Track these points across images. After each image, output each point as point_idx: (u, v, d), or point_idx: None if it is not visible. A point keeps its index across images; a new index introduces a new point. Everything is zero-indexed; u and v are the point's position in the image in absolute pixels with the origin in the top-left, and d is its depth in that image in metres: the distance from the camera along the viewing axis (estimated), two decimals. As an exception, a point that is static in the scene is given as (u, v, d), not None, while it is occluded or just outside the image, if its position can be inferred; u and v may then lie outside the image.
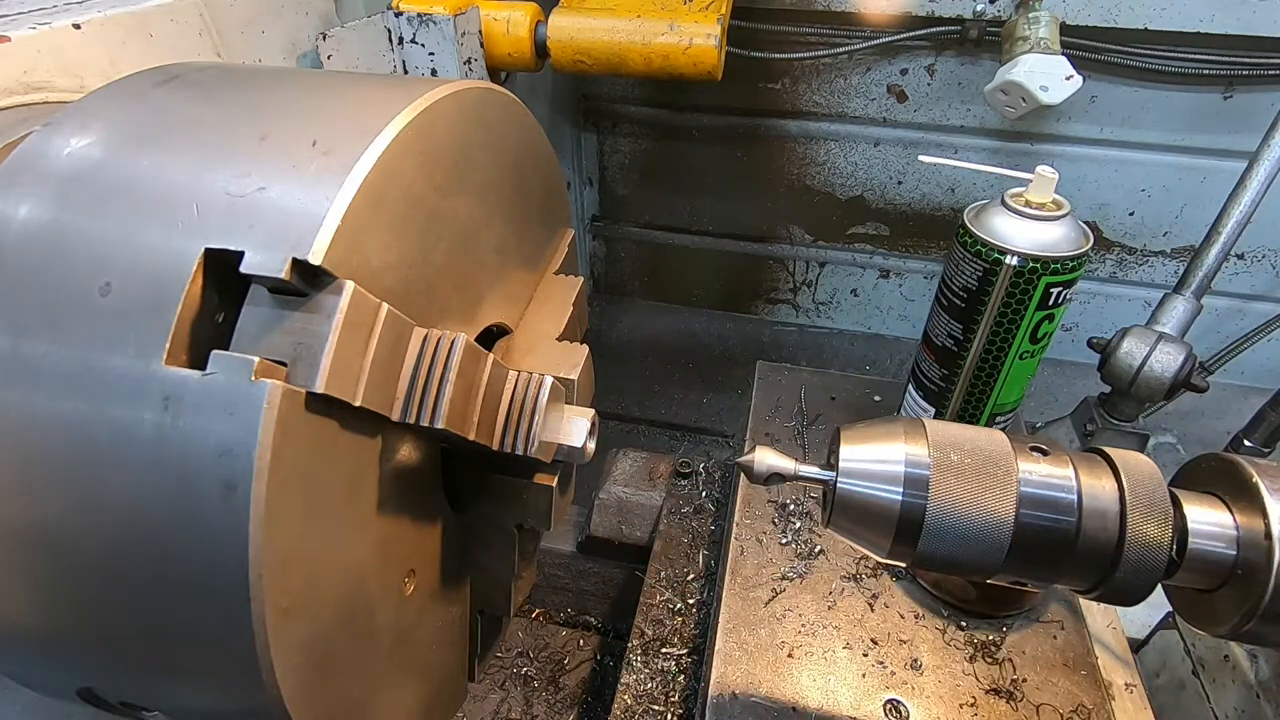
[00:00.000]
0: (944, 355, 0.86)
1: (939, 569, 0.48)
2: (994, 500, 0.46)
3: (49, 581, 0.42)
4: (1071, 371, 1.88)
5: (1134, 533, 0.44)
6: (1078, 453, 0.49)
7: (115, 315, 0.40)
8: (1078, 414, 1.23)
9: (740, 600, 0.80)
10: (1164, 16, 1.43)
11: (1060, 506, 0.46)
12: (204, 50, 0.83)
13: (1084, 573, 0.46)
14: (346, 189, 0.41)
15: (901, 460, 0.47)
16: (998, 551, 0.46)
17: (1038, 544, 0.46)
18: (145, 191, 0.43)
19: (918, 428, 0.49)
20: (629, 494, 1.11)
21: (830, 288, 2.09)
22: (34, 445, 0.40)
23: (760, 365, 1.10)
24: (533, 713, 1.10)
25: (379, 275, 0.44)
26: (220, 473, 0.37)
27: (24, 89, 0.63)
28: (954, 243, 0.81)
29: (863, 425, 0.51)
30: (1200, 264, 1.11)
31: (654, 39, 1.21)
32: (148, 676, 0.46)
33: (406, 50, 1.12)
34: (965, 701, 0.72)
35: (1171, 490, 0.47)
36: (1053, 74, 1.27)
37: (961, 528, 0.46)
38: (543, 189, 0.70)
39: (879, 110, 1.76)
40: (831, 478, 0.49)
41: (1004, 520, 0.45)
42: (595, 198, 2.15)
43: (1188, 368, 1.06)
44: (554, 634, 1.21)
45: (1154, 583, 0.45)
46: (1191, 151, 1.63)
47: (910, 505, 0.47)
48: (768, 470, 0.50)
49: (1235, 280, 1.78)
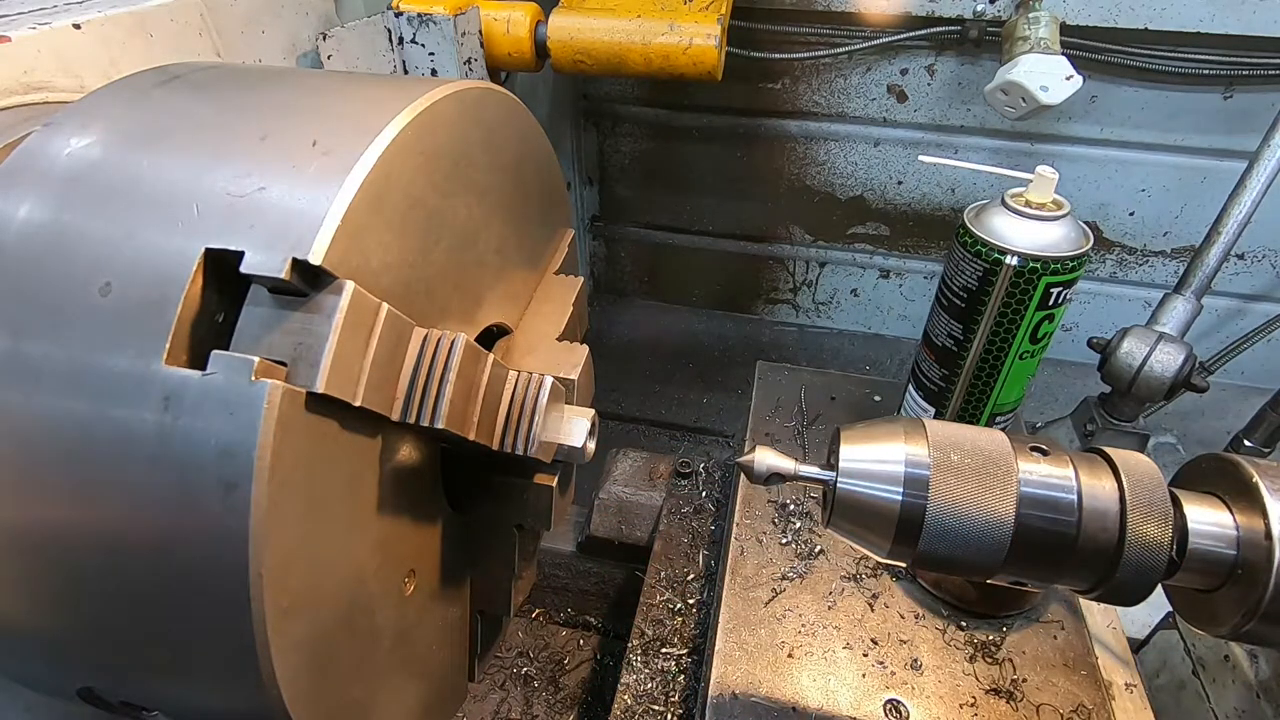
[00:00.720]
0: (944, 355, 0.86)
1: (939, 569, 0.48)
2: (994, 500, 0.46)
3: (49, 581, 0.42)
4: (1071, 371, 1.88)
5: (1134, 533, 0.44)
6: (1078, 453, 0.49)
7: (115, 315, 0.40)
8: (1078, 414, 1.23)
9: (740, 600, 0.80)
10: (1164, 16, 1.43)
11: (1060, 506, 0.46)
12: (204, 50, 0.83)
13: (1084, 573, 0.46)
14: (346, 189, 0.41)
15: (902, 460, 0.47)
16: (998, 551, 0.46)
17: (1038, 544, 0.46)
18: (145, 191, 0.43)
19: (918, 428, 0.49)
20: (629, 494, 1.11)
21: (830, 288, 2.09)
22: (34, 444, 0.40)
23: (760, 365, 1.10)
24: (533, 713, 1.10)
25: (379, 275, 0.44)
26: (220, 472, 0.37)
27: (24, 89, 0.63)
28: (954, 243, 0.81)
29: (863, 425, 0.51)
30: (1200, 264, 1.11)
31: (654, 39, 1.21)
32: (148, 676, 0.46)
33: (406, 50, 1.12)
34: (965, 701, 0.72)
35: (1172, 490, 0.47)
36: (1053, 74, 1.27)
37: (962, 528, 0.46)
38: (543, 189, 0.70)
39: (879, 110, 1.76)
40: (832, 478, 0.49)
41: (1004, 520, 0.45)
42: (595, 198, 2.15)
43: (1188, 368, 1.06)
44: (554, 634, 1.21)
45: (1154, 583, 0.45)
46: (1191, 151, 1.63)
47: (910, 505, 0.47)
48: (768, 470, 0.50)
49: (1235, 280, 1.78)
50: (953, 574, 0.49)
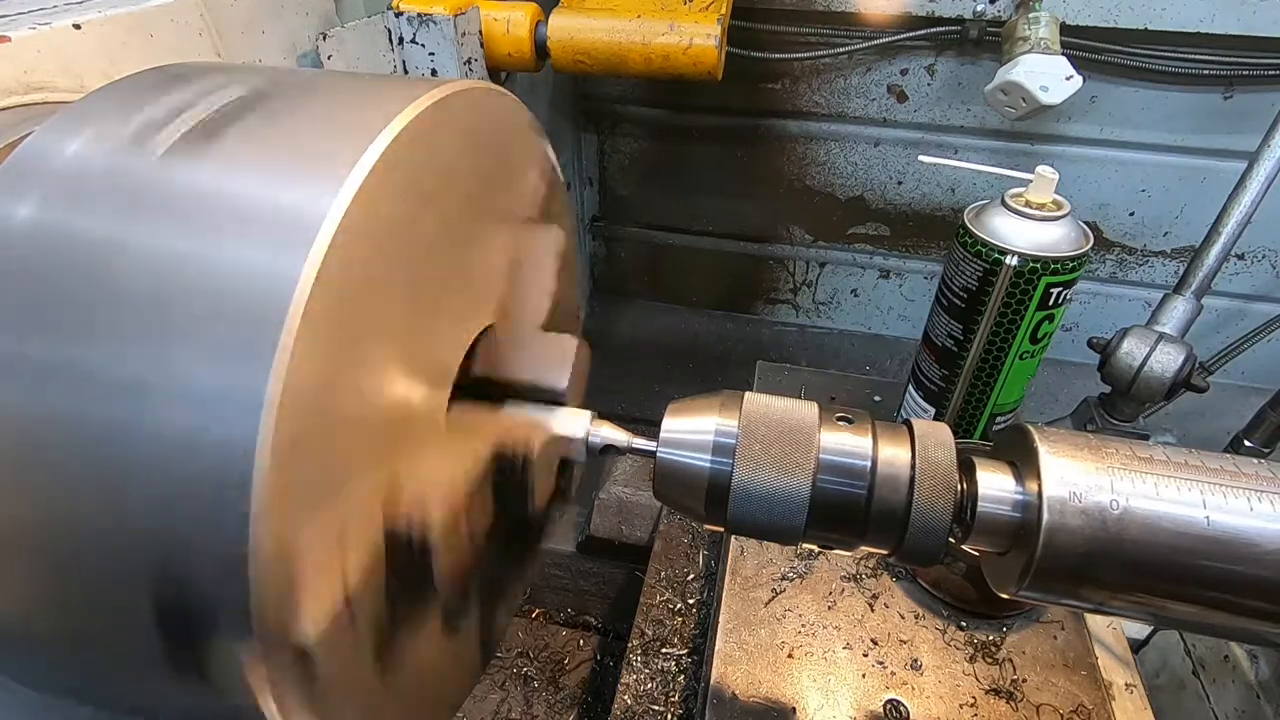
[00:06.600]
0: (944, 355, 0.86)
1: (751, 533, 0.51)
2: (793, 467, 0.49)
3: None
4: (1071, 371, 1.88)
5: (921, 497, 0.48)
6: (885, 423, 0.52)
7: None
8: (1078, 414, 1.23)
9: (740, 600, 0.80)
10: (1164, 17, 1.43)
11: (854, 473, 0.49)
12: (204, 50, 0.83)
13: (881, 535, 0.49)
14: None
15: (712, 430, 0.51)
16: (798, 515, 0.49)
17: (835, 506, 0.49)
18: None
19: (735, 400, 0.53)
20: (629, 494, 1.11)
21: (830, 288, 2.09)
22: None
23: (760, 365, 1.10)
24: (533, 713, 1.10)
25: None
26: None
27: (24, 89, 0.63)
28: (954, 243, 0.81)
29: (689, 399, 0.55)
30: (1200, 264, 1.11)
31: (654, 39, 1.21)
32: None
33: (406, 50, 1.12)
34: (965, 702, 0.72)
35: (969, 458, 0.50)
36: (1053, 74, 1.27)
37: (764, 493, 0.49)
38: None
39: (879, 110, 1.76)
40: (655, 447, 0.53)
41: (801, 486, 0.49)
42: (595, 198, 2.15)
43: (1188, 368, 1.05)
44: (554, 634, 1.21)
45: (940, 544, 0.48)
46: (1191, 151, 1.63)
47: (717, 472, 0.50)
48: (601, 442, 0.55)
49: (1235, 280, 1.78)
50: (766, 538, 0.52)
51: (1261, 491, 0.45)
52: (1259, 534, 0.43)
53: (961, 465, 0.50)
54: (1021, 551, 0.47)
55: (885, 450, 0.50)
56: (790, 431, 0.50)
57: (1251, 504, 0.44)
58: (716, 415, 0.52)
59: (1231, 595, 0.45)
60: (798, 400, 0.53)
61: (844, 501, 0.49)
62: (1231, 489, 0.45)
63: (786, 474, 0.49)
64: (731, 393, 0.54)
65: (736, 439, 0.50)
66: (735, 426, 0.51)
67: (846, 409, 0.53)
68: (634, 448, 0.55)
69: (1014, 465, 0.50)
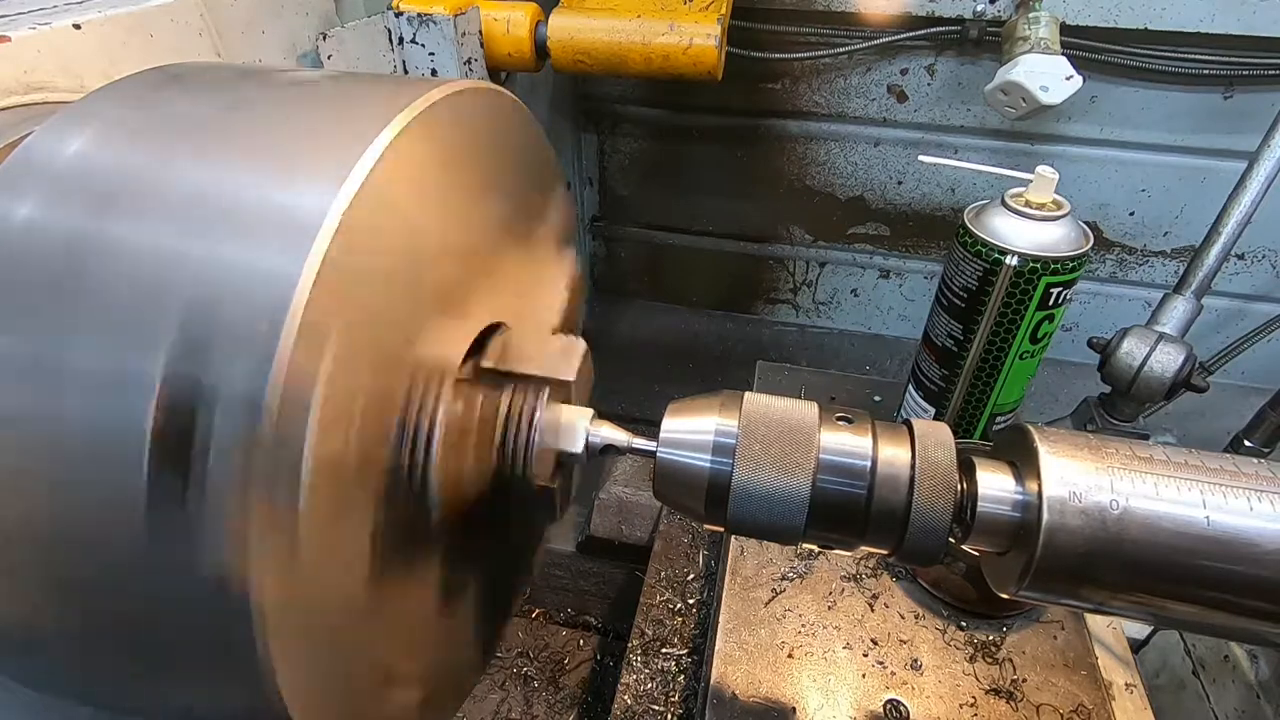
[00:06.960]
0: (944, 355, 0.86)
1: (751, 533, 0.51)
2: (793, 467, 0.49)
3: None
4: (1071, 371, 1.88)
5: (920, 497, 0.48)
6: (884, 423, 0.52)
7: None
8: (1078, 414, 1.23)
9: (740, 600, 0.80)
10: (1164, 17, 1.43)
11: (854, 473, 0.49)
12: (204, 50, 0.83)
13: (882, 535, 0.49)
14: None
15: (712, 430, 0.51)
16: (798, 515, 0.49)
17: (835, 506, 0.49)
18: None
19: (735, 400, 0.52)
20: (629, 494, 1.11)
21: (830, 288, 2.09)
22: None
23: (760, 365, 1.10)
24: (533, 713, 1.10)
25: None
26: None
27: (24, 89, 0.63)
28: (954, 243, 0.81)
29: (689, 399, 0.55)
30: (1200, 264, 1.11)
31: (654, 39, 1.21)
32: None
33: (406, 50, 1.12)
34: (965, 701, 0.72)
35: (969, 458, 0.50)
36: (1053, 74, 1.27)
37: (764, 493, 0.49)
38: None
39: (879, 110, 1.76)
40: (655, 447, 0.53)
41: (802, 485, 0.49)
42: (595, 198, 2.15)
43: (1188, 368, 1.05)
44: (554, 634, 1.21)
45: (940, 544, 0.48)
46: (1191, 151, 1.63)
47: (717, 472, 0.50)
48: (602, 442, 0.55)
49: (1235, 280, 1.78)
50: (767, 539, 0.52)
51: (1261, 491, 0.45)
52: (1259, 534, 0.43)
53: (961, 465, 0.50)
54: (1021, 551, 0.47)
55: (885, 450, 0.50)
56: (790, 431, 0.50)
57: (1251, 504, 0.44)
58: (716, 415, 0.52)
59: (1231, 595, 0.45)
60: (798, 400, 0.53)
61: (844, 501, 0.49)
62: (1231, 489, 0.45)
63: (786, 474, 0.49)
64: (731, 393, 0.54)
65: (736, 439, 0.50)
66: (735, 426, 0.51)
67: (846, 409, 0.53)
68: (634, 448, 0.55)
69: (1014, 465, 0.50)
